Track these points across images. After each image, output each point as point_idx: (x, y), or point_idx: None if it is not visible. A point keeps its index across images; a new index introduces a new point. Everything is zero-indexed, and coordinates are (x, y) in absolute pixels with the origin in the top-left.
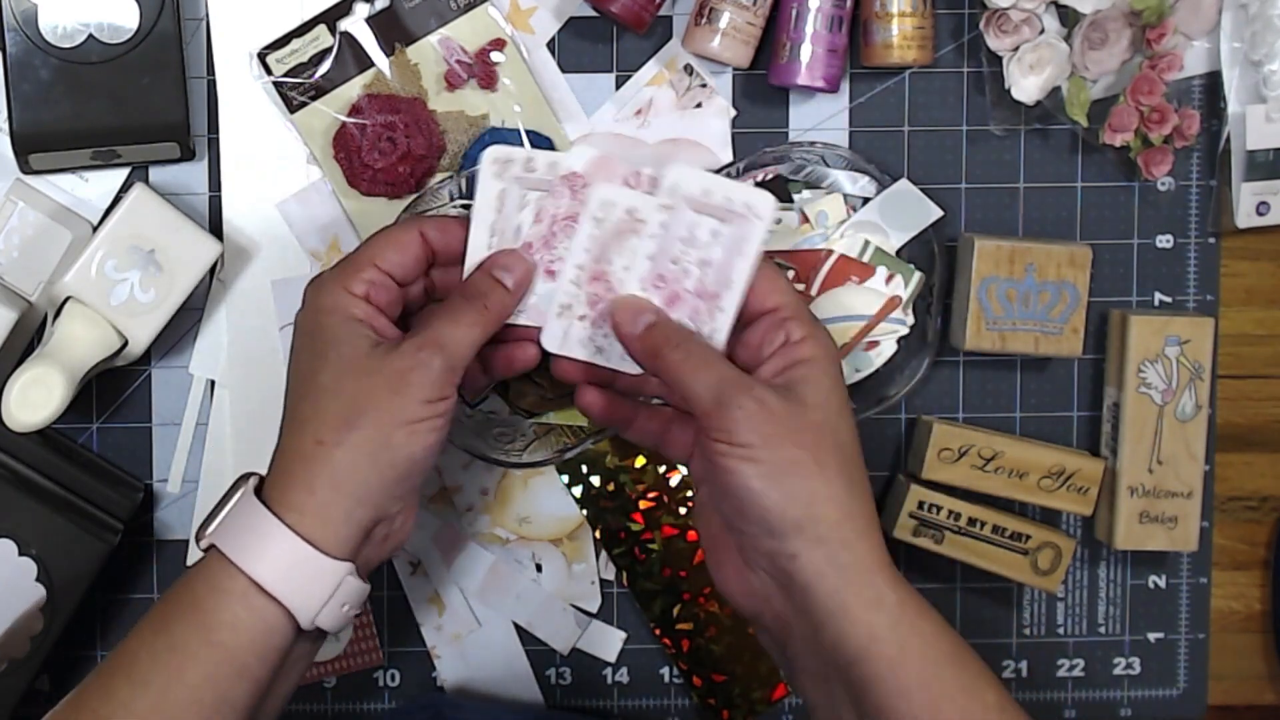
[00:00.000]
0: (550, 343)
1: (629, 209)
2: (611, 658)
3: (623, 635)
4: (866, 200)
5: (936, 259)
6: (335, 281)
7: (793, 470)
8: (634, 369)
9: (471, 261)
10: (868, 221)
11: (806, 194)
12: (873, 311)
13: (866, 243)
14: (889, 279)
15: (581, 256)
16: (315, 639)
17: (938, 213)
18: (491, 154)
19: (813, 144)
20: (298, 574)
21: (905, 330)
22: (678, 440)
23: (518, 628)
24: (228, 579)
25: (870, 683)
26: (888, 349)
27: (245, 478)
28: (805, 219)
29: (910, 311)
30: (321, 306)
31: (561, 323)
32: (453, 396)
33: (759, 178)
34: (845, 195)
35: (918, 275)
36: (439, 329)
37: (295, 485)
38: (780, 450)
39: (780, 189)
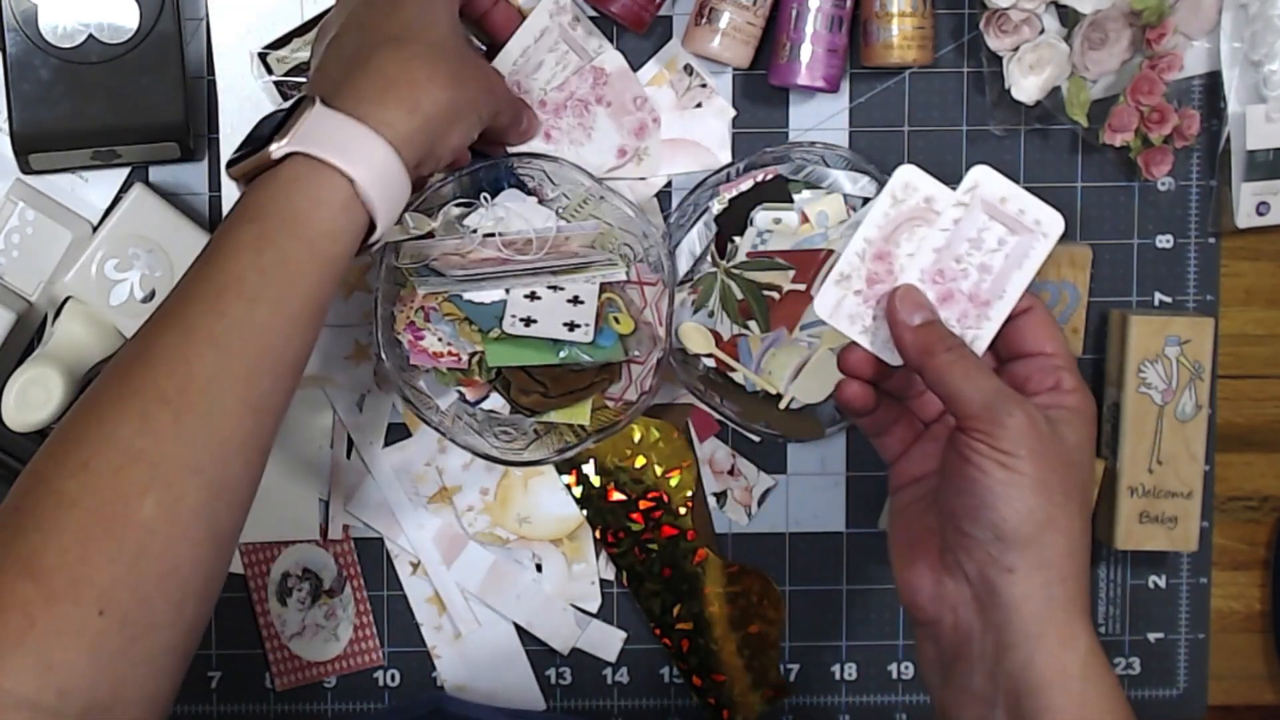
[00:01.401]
0: (823, 309)
1: (928, 197)
2: (611, 658)
3: (623, 635)
4: (866, 200)
5: None
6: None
7: (1041, 490)
8: (895, 359)
9: (504, 65)
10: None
11: (806, 194)
12: None
13: None
14: None
15: (872, 231)
16: None
17: None
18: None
19: (813, 144)
20: (387, 184)
21: None
22: (897, 437)
23: (518, 628)
24: (329, 189)
25: (1045, 714)
26: None
27: (304, 100)
28: (805, 219)
29: None
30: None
31: (837, 291)
32: None
33: (759, 178)
34: (845, 195)
35: None
36: (510, 93)
37: (396, 105)
38: (1037, 467)
39: (780, 189)
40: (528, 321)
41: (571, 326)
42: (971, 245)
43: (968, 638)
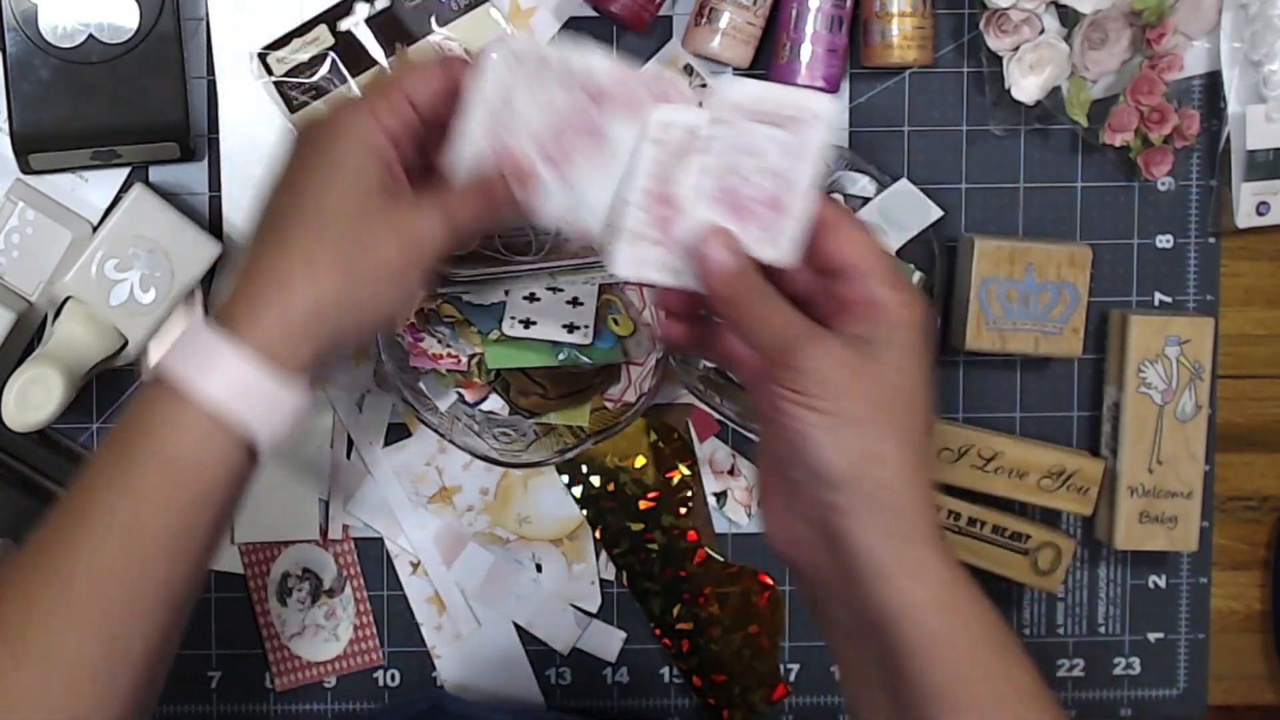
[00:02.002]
0: (624, 270)
1: (688, 127)
2: (611, 658)
3: (623, 635)
4: (866, 200)
5: (936, 258)
6: (364, 105)
7: (854, 425)
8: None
9: (464, 138)
10: (868, 222)
11: None
12: None
13: None
14: None
15: (644, 180)
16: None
17: (938, 213)
18: (504, 48)
19: None
20: (262, 400)
21: None
22: (750, 364)
23: (518, 628)
24: (190, 414)
25: (901, 649)
26: None
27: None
28: None
29: None
30: (344, 126)
31: (633, 249)
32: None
33: None
34: (845, 196)
35: (918, 275)
36: (455, 203)
37: (267, 307)
38: (844, 403)
39: None
40: (526, 323)
41: (570, 328)
42: (748, 155)
43: (826, 578)
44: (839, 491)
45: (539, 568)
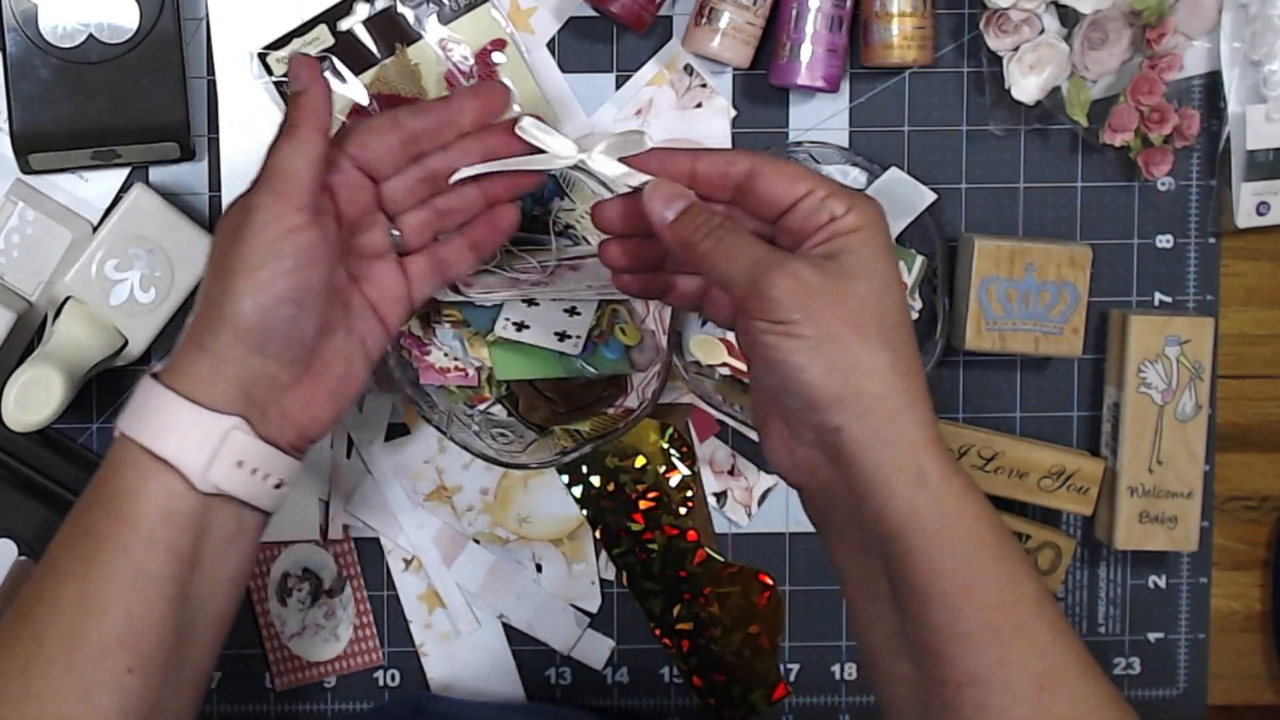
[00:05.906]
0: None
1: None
2: (599, 665)
3: (611, 644)
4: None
5: (936, 241)
6: (280, 203)
7: (833, 343)
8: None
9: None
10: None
11: None
12: None
13: None
14: None
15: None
16: (241, 512)
17: (931, 196)
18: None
19: (798, 144)
20: (176, 428)
21: (915, 315)
22: (719, 302)
23: (511, 629)
24: (120, 450)
25: (906, 558)
26: None
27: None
28: None
29: (917, 296)
30: (262, 225)
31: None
32: (302, 232)
33: None
34: None
35: (920, 259)
36: (268, 161)
37: (181, 349)
38: (820, 323)
39: None
40: (520, 326)
41: (562, 337)
42: None
43: (831, 496)
44: (831, 410)
45: (539, 568)
